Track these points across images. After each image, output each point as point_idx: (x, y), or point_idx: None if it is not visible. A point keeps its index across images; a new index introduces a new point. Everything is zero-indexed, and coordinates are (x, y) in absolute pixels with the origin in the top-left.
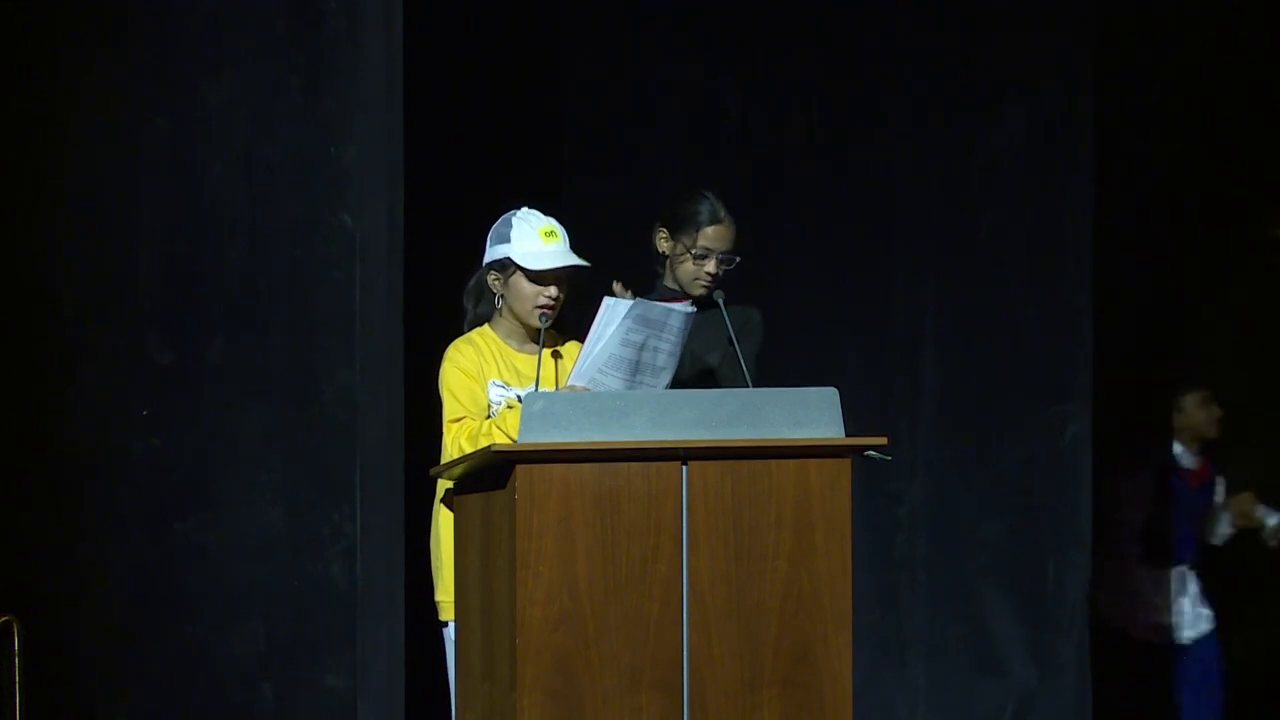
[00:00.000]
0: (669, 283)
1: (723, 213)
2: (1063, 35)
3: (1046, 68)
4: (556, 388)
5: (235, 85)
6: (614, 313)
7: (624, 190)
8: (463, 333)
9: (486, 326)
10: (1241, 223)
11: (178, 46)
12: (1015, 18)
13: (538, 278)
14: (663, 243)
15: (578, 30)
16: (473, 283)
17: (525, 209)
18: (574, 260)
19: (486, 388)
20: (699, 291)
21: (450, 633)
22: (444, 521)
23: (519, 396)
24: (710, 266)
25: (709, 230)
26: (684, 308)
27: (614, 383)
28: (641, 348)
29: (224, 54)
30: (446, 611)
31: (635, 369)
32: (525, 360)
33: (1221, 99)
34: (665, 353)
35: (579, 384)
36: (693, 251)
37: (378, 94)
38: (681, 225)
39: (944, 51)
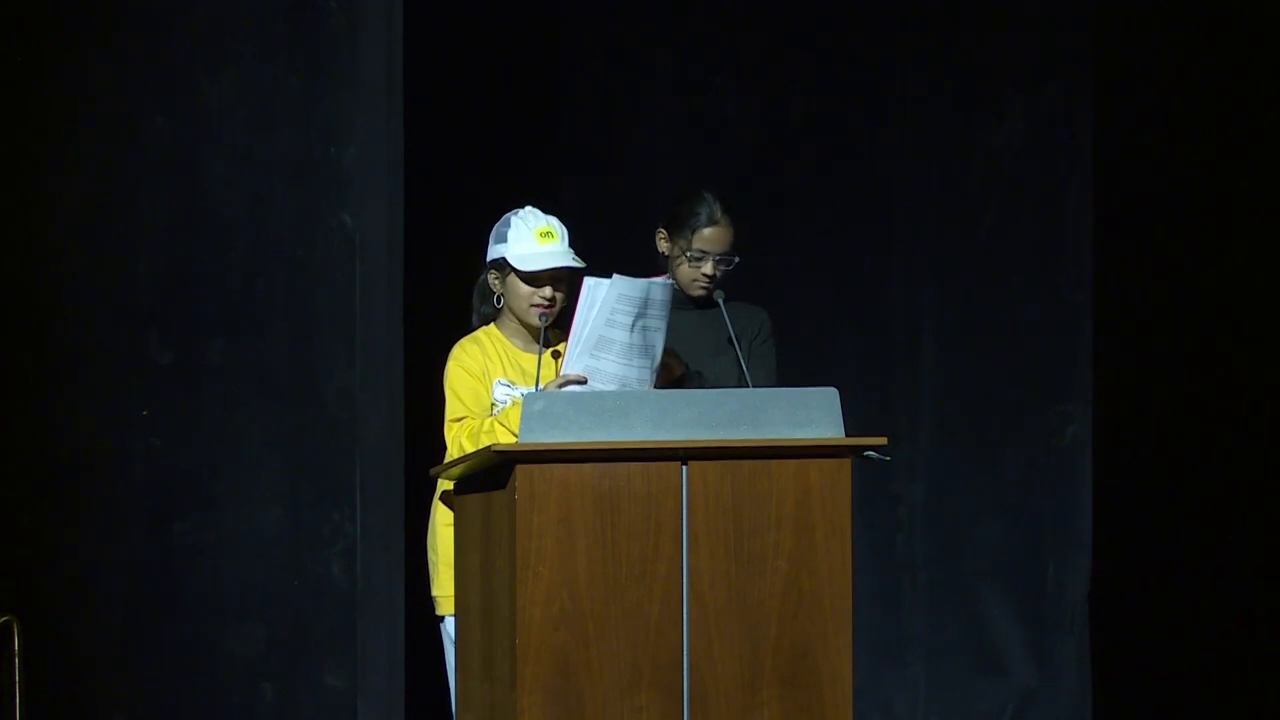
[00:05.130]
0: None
1: (720, 214)
2: (1063, 35)
3: (1046, 68)
4: None
5: (235, 85)
6: (595, 294)
7: (623, 190)
8: (469, 330)
9: (493, 325)
10: (1241, 222)
11: (178, 46)
12: (1015, 18)
13: (531, 278)
14: (662, 243)
15: (577, 30)
16: (481, 280)
17: (528, 208)
18: (567, 261)
19: (491, 387)
20: (698, 293)
21: (447, 626)
22: (441, 518)
23: (524, 396)
24: (707, 268)
25: (705, 232)
26: (663, 280)
27: (608, 365)
28: (630, 328)
29: (224, 54)
30: (442, 606)
31: (628, 351)
32: (531, 360)
33: (1221, 99)
34: (654, 329)
35: (573, 371)
36: (688, 254)
37: (378, 94)
38: (679, 227)
39: (944, 51)
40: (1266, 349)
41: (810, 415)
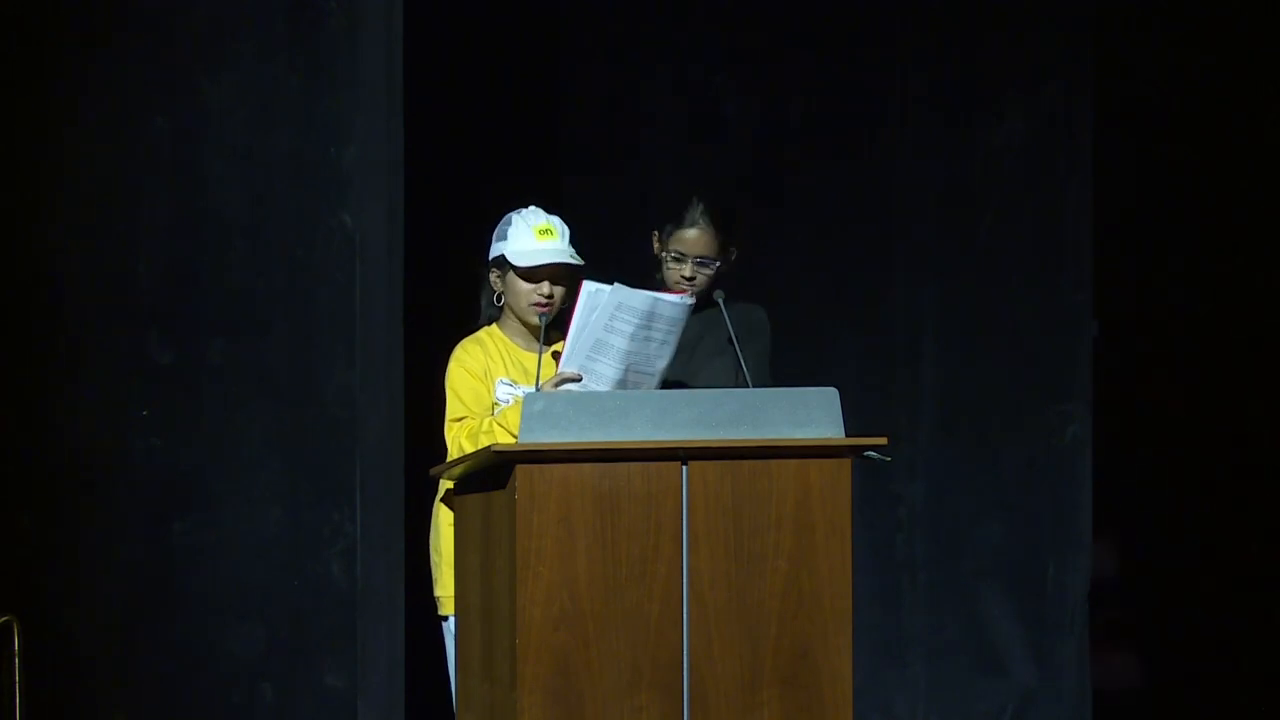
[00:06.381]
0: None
1: (699, 217)
2: (1063, 35)
3: (1046, 68)
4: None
5: (235, 85)
6: (595, 299)
7: (623, 190)
8: (471, 330)
9: (494, 325)
10: (1241, 222)
11: (178, 46)
12: (1015, 18)
13: (529, 275)
14: (655, 243)
15: (577, 30)
16: (485, 282)
17: (530, 207)
18: (565, 258)
19: (492, 387)
20: (680, 293)
21: (450, 626)
22: (444, 518)
23: (524, 396)
24: (685, 270)
25: (682, 234)
26: (677, 299)
27: (605, 369)
28: (631, 337)
29: (224, 54)
30: (445, 606)
31: (626, 358)
32: (533, 359)
33: (1221, 99)
34: (658, 342)
35: (570, 369)
36: (667, 253)
37: (378, 94)
38: (665, 226)
39: (944, 51)
40: (1267, 349)
41: (810, 415)
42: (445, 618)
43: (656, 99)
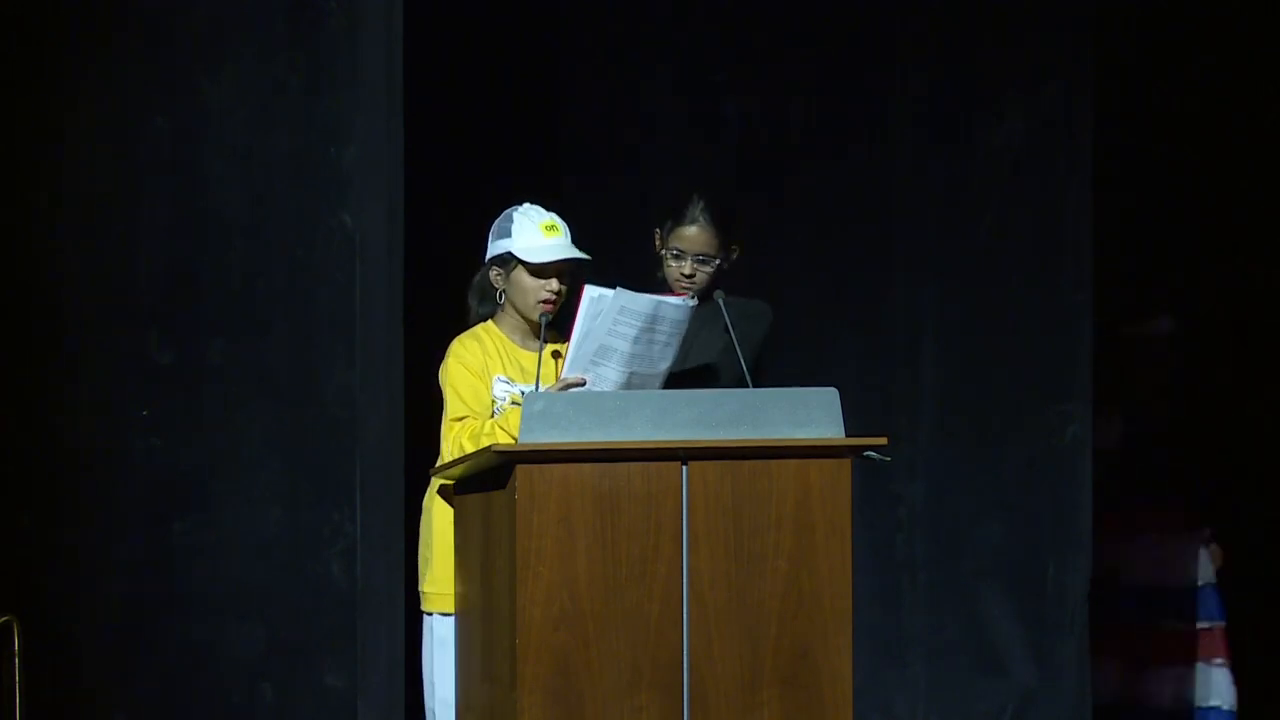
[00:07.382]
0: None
1: (698, 214)
2: (1063, 35)
3: (1046, 68)
4: None
5: (235, 85)
6: (598, 305)
7: (623, 190)
8: (467, 329)
9: (491, 322)
10: (1241, 222)
11: (178, 46)
12: (1015, 18)
13: (538, 271)
14: (656, 240)
15: (577, 30)
16: (477, 279)
17: (527, 204)
18: (574, 253)
19: (490, 384)
20: (681, 291)
21: (433, 624)
22: (438, 514)
23: (524, 393)
24: (685, 267)
25: (681, 231)
26: (679, 300)
27: (609, 373)
28: (635, 340)
29: (224, 54)
30: (430, 603)
31: (629, 360)
32: (530, 357)
33: (1221, 99)
34: (660, 344)
35: (573, 374)
36: (667, 251)
37: (378, 94)
38: (665, 224)
39: (944, 51)
40: (1266, 349)
41: (810, 415)
42: (429, 613)
43: (656, 99)
